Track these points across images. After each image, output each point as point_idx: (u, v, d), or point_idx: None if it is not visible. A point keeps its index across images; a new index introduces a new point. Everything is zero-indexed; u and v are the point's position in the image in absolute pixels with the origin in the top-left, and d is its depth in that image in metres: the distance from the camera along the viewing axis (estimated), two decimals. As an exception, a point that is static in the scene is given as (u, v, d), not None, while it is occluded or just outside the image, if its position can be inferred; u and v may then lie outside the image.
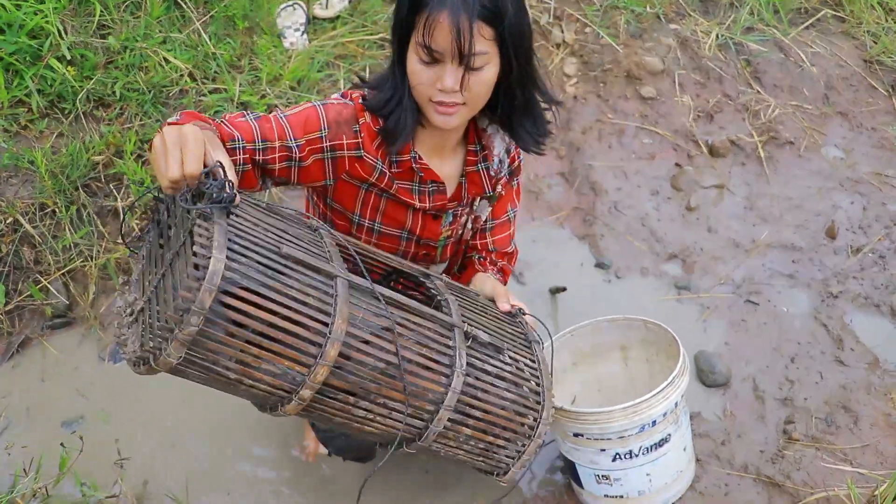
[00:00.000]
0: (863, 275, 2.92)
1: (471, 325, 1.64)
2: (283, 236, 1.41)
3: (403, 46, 1.58)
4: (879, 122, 3.50)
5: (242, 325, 1.31)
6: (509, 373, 1.67)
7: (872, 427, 2.41)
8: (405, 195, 1.78)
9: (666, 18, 3.60)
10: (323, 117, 1.64)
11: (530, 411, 1.68)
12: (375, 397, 1.49)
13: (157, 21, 3.08)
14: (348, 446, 2.09)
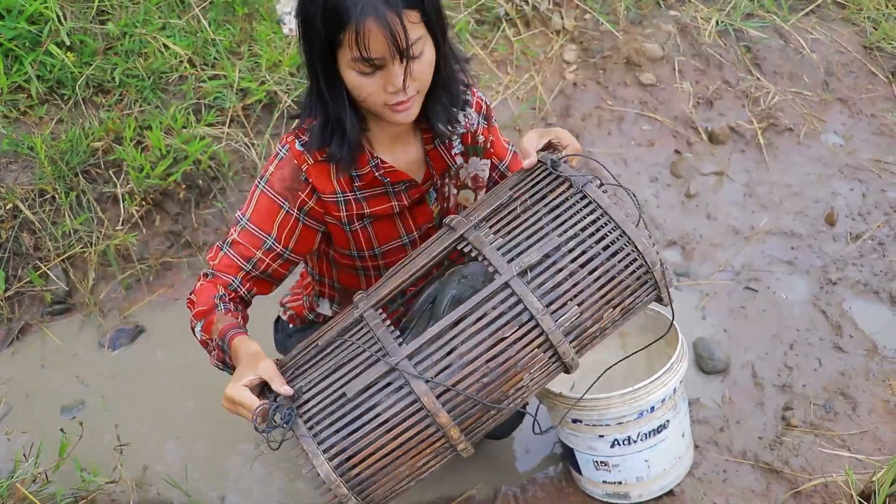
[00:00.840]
0: (862, 261, 2.92)
1: (515, 254, 1.54)
2: (340, 374, 1.53)
3: (329, 68, 1.54)
4: (879, 108, 3.49)
5: None
6: (582, 253, 1.55)
7: (871, 413, 2.42)
8: (382, 204, 1.80)
9: (665, 5, 3.59)
10: (274, 196, 1.70)
11: (630, 261, 1.57)
12: (505, 395, 1.55)
13: (156, 7, 3.07)
14: None
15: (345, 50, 1.49)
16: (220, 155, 2.86)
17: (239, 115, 2.95)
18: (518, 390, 1.57)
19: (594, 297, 1.55)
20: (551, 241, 1.54)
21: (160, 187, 2.78)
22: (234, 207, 2.89)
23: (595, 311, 1.57)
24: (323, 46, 1.51)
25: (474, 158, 1.92)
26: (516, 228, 1.60)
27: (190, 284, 2.80)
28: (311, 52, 1.55)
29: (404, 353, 1.50)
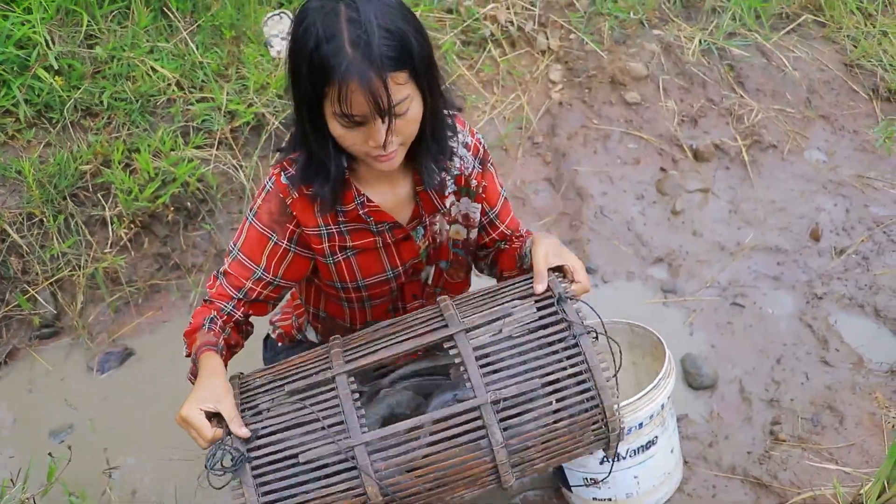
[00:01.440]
0: (847, 276, 2.95)
1: (494, 382, 1.59)
2: (298, 433, 1.56)
3: (315, 114, 1.55)
4: (861, 124, 3.54)
5: None
6: (557, 401, 1.62)
7: (858, 426, 2.44)
8: (364, 238, 1.81)
9: (649, 24, 3.64)
10: (262, 228, 1.74)
11: (595, 422, 1.64)
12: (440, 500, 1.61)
13: (144, 31, 3.09)
14: None
15: (330, 103, 1.51)
16: (209, 177, 2.87)
17: (227, 137, 2.96)
18: (453, 499, 1.64)
19: (551, 443, 1.63)
20: (531, 383, 1.59)
21: (148, 210, 2.79)
22: (222, 229, 2.90)
23: (547, 454, 1.64)
24: (309, 93, 1.52)
25: (466, 199, 1.93)
26: (504, 353, 1.64)
27: (179, 307, 2.81)
28: (298, 96, 1.56)
29: (363, 439, 1.54)
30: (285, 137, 2.96)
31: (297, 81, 1.53)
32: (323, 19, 1.47)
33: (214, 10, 3.20)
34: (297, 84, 1.54)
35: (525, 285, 1.73)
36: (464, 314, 1.68)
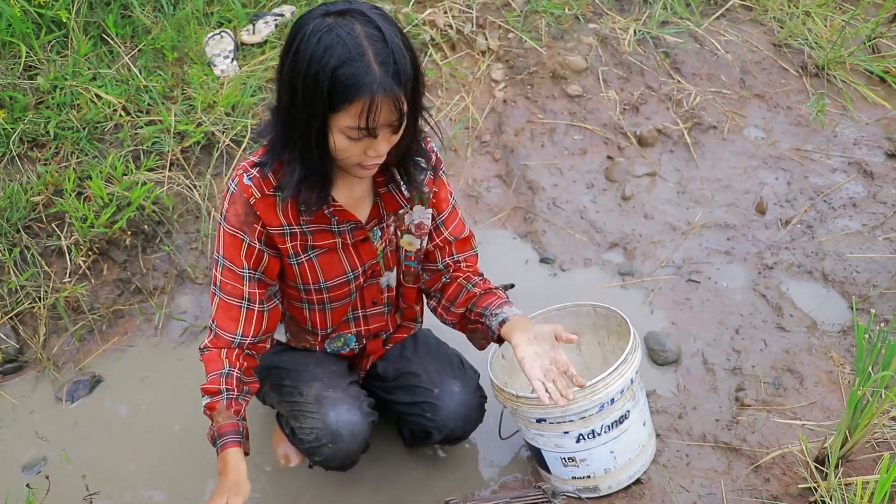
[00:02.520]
0: (794, 245, 3.05)
1: None
2: None
3: (322, 130, 1.64)
4: (794, 100, 3.66)
5: None
6: None
7: (817, 385, 2.53)
8: (326, 239, 1.91)
9: (584, 19, 3.72)
10: (234, 231, 1.82)
11: None
12: None
13: (84, 58, 3.08)
14: (334, 455, 2.09)
15: (343, 117, 1.60)
16: (164, 199, 2.87)
17: (178, 158, 2.97)
18: None
19: None
20: None
21: (105, 236, 2.77)
22: (181, 250, 2.90)
23: None
24: (320, 109, 1.60)
25: (419, 206, 2.02)
26: None
27: (144, 330, 2.81)
28: (303, 112, 1.62)
29: None
30: (237, 155, 2.99)
31: (307, 98, 1.60)
32: (346, 37, 1.55)
33: (155, 34, 3.20)
34: (308, 103, 1.60)
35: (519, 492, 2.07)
36: None
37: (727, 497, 2.23)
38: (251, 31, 3.37)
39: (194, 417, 2.56)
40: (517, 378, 2.41)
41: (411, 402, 2.22)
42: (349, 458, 2.12)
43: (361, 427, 2.09)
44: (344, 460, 2.11)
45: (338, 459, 2.10)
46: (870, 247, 3.02)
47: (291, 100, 1.63)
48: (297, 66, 1.58)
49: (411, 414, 2.24)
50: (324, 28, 1.56)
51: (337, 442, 2.05)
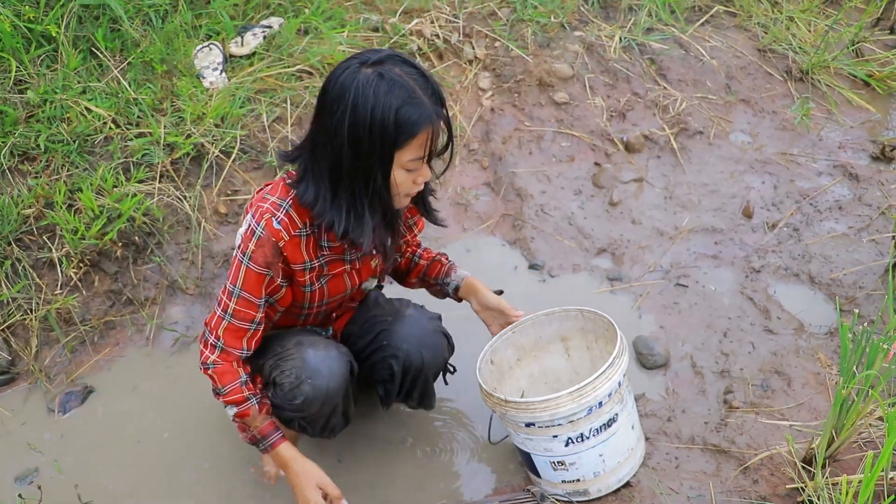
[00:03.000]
0: (780, 248, 3.08)
1: None
2: None
3: (386, 171, 1.84)
4: (779, 105, 3.70)
5: None
6: None
7: (804, 386, 2.55)
8: (338, 268, 2.11)
9: (570, 27, 3.76)
10: (260, 269, 1.95)
11: None
12: None
13: (74, 72, 3.10)
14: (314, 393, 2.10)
15: (407, 152, 1.82)
16: (154, 210, 2.89)
17: (168, 169, 2.98)
18: None
19: None
20: None
21: (96, 247, 2.79)
22: (171, 260, 2.91)
23: None
24: (390, 151, 1.80)
25: None
26: None
27: (136, 340, 2.82)
28: (374, 161, 1.82)
29: None
30: (226, 166, 3.01)
31: (374, 144, 1.79)
32: (397, 80, 1.76)
33: (144, 47, 3.22)
34: (372, 148, 1.79)
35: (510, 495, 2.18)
36: None
37: (716, 499, 2.25)
38: (240, 43, 3.40)
39: (186, 426, 2.59)
40: (506, 384, 2.43)
41: (372, 338, 2.28)
42: (329, 398, 2.12)
43: (339, 363, 2.13)
44: (324, 400, 2.12)
45: (318, 399, 2.10)
46: (856, 249, 3.05)
47: (356, 151, 1.80)
48: (360, 119, 1.76)
49: (374, 352, 2.28)
50: (373, 78, 1.75)
51: (315, 377, 2.08)
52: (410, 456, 2.49)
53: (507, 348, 2.42)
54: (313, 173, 1.90)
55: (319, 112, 1.86)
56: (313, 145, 1.89)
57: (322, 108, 1.84)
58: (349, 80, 1.77)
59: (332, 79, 1.81)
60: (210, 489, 2.43)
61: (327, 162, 1.86)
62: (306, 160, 1.92)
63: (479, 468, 2.46)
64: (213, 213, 3.01)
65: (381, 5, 3.71)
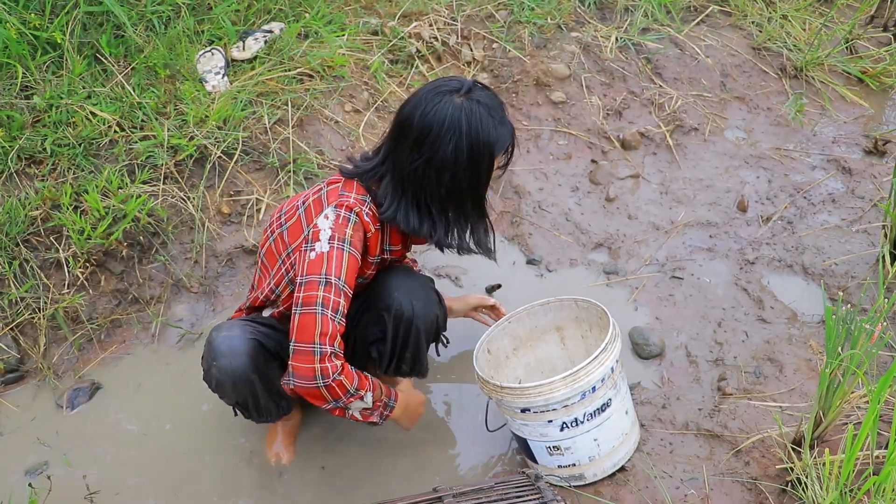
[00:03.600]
0: (774, 240, 3.13)
1: None
2: None
3: (488, 182, 2.12)
4: (773, 101, 3.75)
5: None
6: None
7: (796, 373, 2.59)
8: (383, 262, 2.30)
9: (567, 28, 3.82)
10: (356, 253, 2.08)
11: None
12: None
13: (79, 78, 3.17)
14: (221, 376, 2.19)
15: (498, 161, 2.10)
16: (158, 210, 2.95)
17: (172, 171, 3.05)
18: None
19: None
20: None
21: (102, 247, 2.85)
22: (176, 260, 2.97)
23: None
24: (492, 165, 2.09)
25: None
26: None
27: (141, 338, 2.88)
28: (486, 171, 2.09)
29: None
30: (228, 167, 3.08)
31: (488, 159, 2.06)
32: (488, 104, 2.02)
33: (147, 52, 3.29)
34: (488, 162, 2.07)
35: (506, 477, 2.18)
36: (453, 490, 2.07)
37: (709, 480, 2.30)
38: (241, 47, 3.47)
39: (190, 421, 2.65)
40: (502, 373, 2.48)
41: (364, 298, 2.32)
42: (238, 377, 2.17)
43: (240, 340, 2.17)
44: (234, 380, 2.18)
45: (227, 380, 2.18)
46: (848, 240, 3.09)
47: (475, 169, 2.05)
48: (475, 141, 2.00)
49: (366, 310, 2.33)
50: (472, 106, 1.99)
51: (218, 358, 2.16)
52: (404, 447, 2.54)
53: (503, 338, 2.47)
54: (416, 200, 2.09)
55: (421, 147, 2.01)
56: (419, 177, 2.05)
57: (424, 142, 2.01)
58: (455, 111, 1.98)
59: (430, 114, 1.99)
60: (213, 482, 2.48)
61: (438, 189, 2.06)
62: (405, 190, 2.09)
63: (477, 456, 2.51)
64: (216, 213, 3.07)
65: (380, 9, 3.78)
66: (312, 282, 2.01)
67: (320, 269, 2.01)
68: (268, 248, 2.29)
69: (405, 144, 2.04)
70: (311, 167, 3.18)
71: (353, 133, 3.35)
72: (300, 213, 2.16)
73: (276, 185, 3.16)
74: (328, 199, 2.11)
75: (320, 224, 2.06)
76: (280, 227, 2.24)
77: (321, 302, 1.99)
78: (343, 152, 3.29)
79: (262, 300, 2.32)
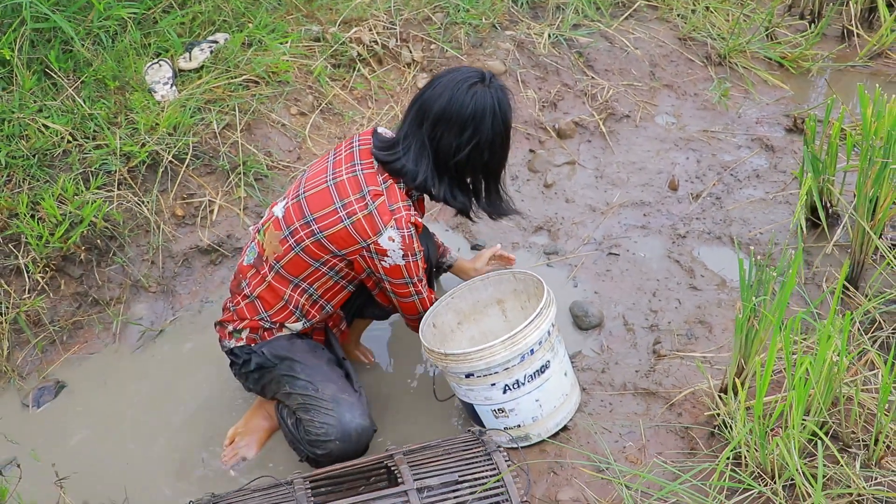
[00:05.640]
0: (704, 215, 3.32)
1: (422, 478, 2.03)
2: None
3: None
4: (700, 87, 3.96)
5: None
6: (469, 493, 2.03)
7: (724, 332, 2.77)
8: None
9: (501, 27, 4.00)
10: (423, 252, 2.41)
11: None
12: None
13: (30, 92, 3.27)
14: (340, 453, 2.35)
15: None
16: (114, 215, 3.06)
17: (125, 177, 3.16)
18: None
19: None
20: (451, 477, 2.05)
21: (61, 252, 2.95)
22: (133, 262, 3.08)
23: None
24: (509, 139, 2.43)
25: None
26: (432, 462, 2.12)
27: (103, 338, 2.98)
28: (507, 148, 2.45)
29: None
30: (180, 171, 3.19)
31: (508, 141, 2.44)
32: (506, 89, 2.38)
33: (96, 66, 3.40)
34: (509, 139, 2.43)
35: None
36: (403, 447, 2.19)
37: (645, 432, 2.46)
38: (188, 58, 3.59)
39: (152, 414, 2.76)
40: (448, 346, 2.62)
41: None
42: (348, 456, 2.34)
43: (368, 434, 2.41)
44: (345, 457, 2.33)
45: (341, 457, 2.33)
46: (772, 210, 3.29)
47: (506, 143, 2.41)
48: (507, 123, 2.37)
49: None
50: (497, 92, 2.32)
51: (346, 441, 2.34)
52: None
53: (447, 312, 2.62)
54: (460, 182, 2.42)
55: (463, 133, 2.28)
56: (464, 160, 2.33)
57: (468, 127, 2.28)
58: (490, 99, 2.29)
59: (469, 104, 2.26)
60: (173, 469, 2.59)
61: (482, 167, 2.40)
62: (450, 175, 2.38)
63: (427, 425, 2.64)
64: (170, 215, 3.19)
65: (321, 17, 3.93)
66: (399, 284, 2.40)
67: (402, 274, 2.37)
68: (293, 259, 2.39)
69: (449, 133, 2.29)
70: (261, 168, 3.31)
71: (299, 135, 3.49)
72: (347, 225, 2.30)
73: (227, 187, 3.29)
74: (382, 218, 2.28)
75: (385, 245, 2.30)
76: (312, 236, 2.34)
77: (414, 293, 2.44)
78: (291, 153, 3.43)
79: (292, 311, 2.47)
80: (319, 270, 2.39)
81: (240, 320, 2.49)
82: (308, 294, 2.44)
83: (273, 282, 2.42)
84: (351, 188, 2.31)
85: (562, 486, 2.34)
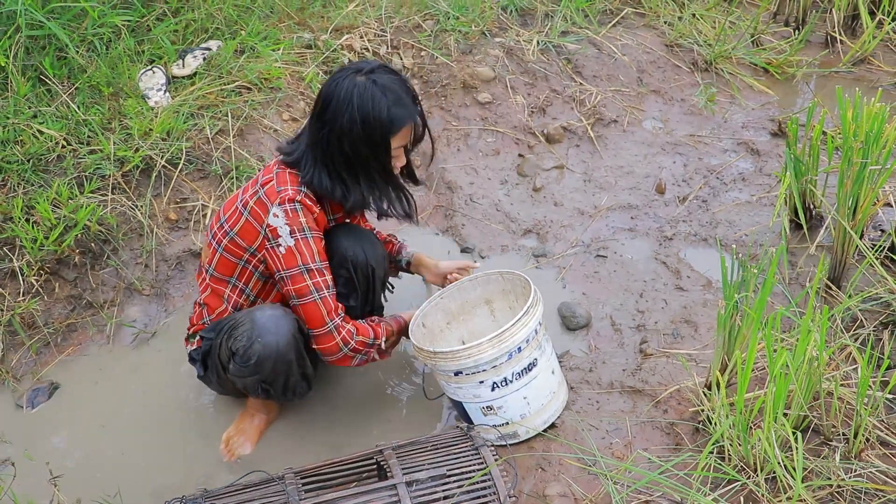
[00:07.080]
0: (690, 218, 3.37)
1: (411, 472, 2.07)
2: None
3: (387, 156, 2.34)
4: (687, 93, 4.02)
5: None
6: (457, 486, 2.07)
7: (709, 331, 2.81)
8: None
9: (491, 34, 4.06)
10: (317, 233, 2.35)
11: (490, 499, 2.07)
12: None
13: (24, 98, 3.31)
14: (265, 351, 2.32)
15: (396, 140, 2.32)
16: (108, 218, 3.10)
17: (119, 182, 3.20)
18: None
19: None
20: (440, 471, 2.09)
21: (55, 255, 2.99)
22: (127, 265, 3.12)
23: None
24: (388, 138, 2.29)
25: None
26: (421, 457, 2.16)
27: (97, 340, 3.01)
28: (380, 146, 2.30)
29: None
30: (174, 176, 3.23)
31: (377, 133, 2.27)
32: (387, 85, 2.25)
33: (90, 72, 3.45)
34: (379, 136, 2.27)
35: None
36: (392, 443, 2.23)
37: (631, 430, 2.50)
38: (181, 65, 3.64)
39: (146, 412, 2.79)
40: (437, 345, 2.65)
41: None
42: (280, 355, 2.33)
43: (286, 320, 2.35)
44: (276, 357, 2.33)
45: (270, 356, 2.32)
46: (757, 213, 3.34)
47: (368, 141, 2.27)
48: (367, 117, 2.23)
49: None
50: (369, 84, 2.23)
51: (264, 335, 2.31)
52: (346, 423, 2.71)
53: (436, 313, 2.66)
54: (326, 166, 2.32)
55: (323, 116, 2.27)
56: (325, 143, 2.29)
57: (326, 111, 2.26)
58: (351, 87, 2.22)
59: (332, 86, 2.25)
60: (168, 468, 2.62)
61: (342, 156, 2.30)
62: (316, 156, 2.33)
63: (417, 424, 2.68)
64: (164, 219, 3.23)
65: (313, 24, 3.98)
66: (296, 274, 2.32)
67: (296, 260, 2.31)
68: (220, 260, 2.47)
69: (314, 116, 2.31)
70: (253, 173, 3.35)
71: (291, 140, 3.53)
72: (246, 216, 2.37)
73: (220, 192, 3.33)
74: (269, 198, 2.31)
75: (273, 223, 2.30)
76: (226, 236, 2.43)
77: (313, 288, 2.33)
78: (283, 158, 3.47)
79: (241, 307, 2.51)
80: (246, 269, 2.46)
81: (192, 325, 2.61)
82: (245, 294, 2.51)
83: (212, 284, 2.51)
84: (250, 185, 2.44)
85: (549, 481, 2.38)
